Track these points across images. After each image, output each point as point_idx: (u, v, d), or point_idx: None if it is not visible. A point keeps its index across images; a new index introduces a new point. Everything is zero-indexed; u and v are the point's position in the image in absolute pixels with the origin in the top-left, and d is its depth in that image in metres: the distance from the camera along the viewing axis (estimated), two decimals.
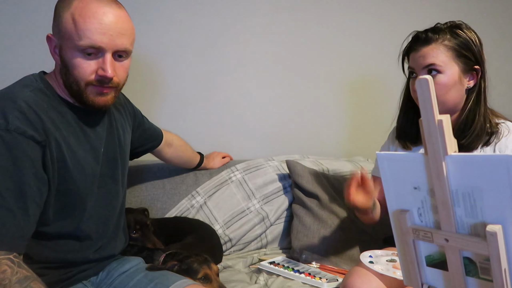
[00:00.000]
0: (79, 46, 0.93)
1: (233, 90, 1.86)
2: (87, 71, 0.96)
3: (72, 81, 0.97)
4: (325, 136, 1.99)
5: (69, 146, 0.99)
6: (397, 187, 0.72)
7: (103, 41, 0.94)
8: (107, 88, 0.99)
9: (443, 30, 1.16)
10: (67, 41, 0.95)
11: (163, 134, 1.44)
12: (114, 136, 1.14)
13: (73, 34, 0.93)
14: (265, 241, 1.68)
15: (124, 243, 1.23)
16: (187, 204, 1.63)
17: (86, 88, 0.98)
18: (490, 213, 0.61)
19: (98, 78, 0.97)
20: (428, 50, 1.15)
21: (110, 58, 0.96)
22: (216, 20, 1.80)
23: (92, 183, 1.05)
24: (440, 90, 1.14)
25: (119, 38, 0.96)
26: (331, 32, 1.93)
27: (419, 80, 0.60)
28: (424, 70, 1.16)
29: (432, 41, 1.16)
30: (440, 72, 1.14)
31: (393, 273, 1.00)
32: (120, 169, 1.15)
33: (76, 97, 1.00)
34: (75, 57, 0.95)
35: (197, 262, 1.17)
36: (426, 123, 0.62)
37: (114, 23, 0.95)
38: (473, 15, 2.06)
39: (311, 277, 1.33)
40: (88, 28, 0.93)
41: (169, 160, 1.54)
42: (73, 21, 0.93)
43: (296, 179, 1.64)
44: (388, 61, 2.02)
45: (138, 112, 1.33)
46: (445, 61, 1.14)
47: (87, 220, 1.06)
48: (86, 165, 1.03)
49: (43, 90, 0.99)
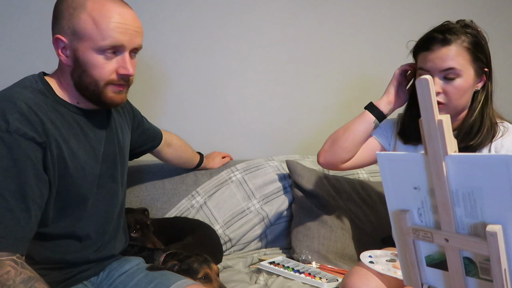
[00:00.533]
0: (102, 46, 0.94)
1: (233, 90, 1.86)
2: (108, 70, 0.97)
3: (90, 81, 0.98)
4: (325, 136, 1.98)
5: (69, 147, 0.99)
6: (397, 187, 0.72)
7: (125, 39, 0.96)
8: (124, 86, 1.02)
9: (459, 30, 1.11)
10: (86, 42, 0.95)
11: (162, 134, 1.44)
12: (113, 137, 1.14)
13: (94, 34, 0.94)
14: (265, 241, 1.68)
15: (124, 243, 1.23)
16: (187, 204, 1.63)
17: (105, 87, 0.99)
18: (490, 213, 0.61)
19: (120, 76, 0.99)
20: (447, 51, 1.10)
21: (129, 56, 0.99)
22: (216, 21, 1.80)
23: (92, 183, 1.06)
24: (456, 94, 1.12)
25: (137, 37, 0.99)
26: (331, 32, 1.93)
27: (419, 80, 0.60)
28: (442, 73, 1.11)
29: (451, 42, 1.10)
30: (458, 76, 1.11)
31: (394, 273, 1.00)
32: (119, 169, 1.15)
33: (91, 97, 1.01)
34: (95, 57, 0.96)
35: (197, 262, 1.17)
36: (426, 123, 0.62)
37: (132, 21, 0.98)
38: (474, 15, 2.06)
39: (311, 277, 1.33)
40: (110, 28, 0.94)
41: (168, 160, 1.54)
42: (93, 22, 0.94)
43: (296, 179, 1.64)
44: (388, 61, 2.02)
45: (137, 112, 1.33)
46: (464, 65, 1.10)
47: (87, 220, 1.06)
48: (86, 166, 1.03)
49: (42, 91, 0.99)
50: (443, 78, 1.12)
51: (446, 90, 1.12)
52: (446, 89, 1.12)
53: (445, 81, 1.12)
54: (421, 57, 1.15)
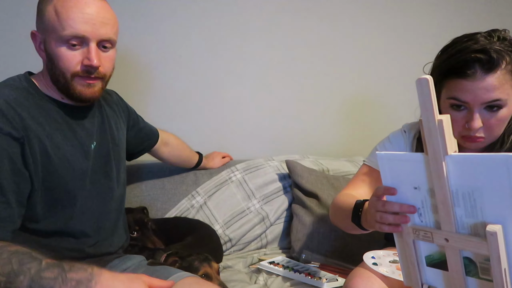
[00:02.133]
0: (63, 36, 0.94)
1: (234, 90, 1.86)
2: (72, 62, 0.97)
3: (58, 73, 0.98)
4: (325, 136, 1.99)
5: (54, 143, 0.99)
6: (397, 187, 0.72)
7: (86, 30, 0.95)
8: (93, 79, 1.00)
9: (502, 49, 0.90)
10: (51, 34, 0.96)
11: (159, 133, 1.45)
12: (106, 132, 1.14)
13: (56, 25, 0.94)
14: (265, 241, 1.68)
15: (125, 240, 1.23)
16: (187, 204, 1.63)
17: (72, 79, 0.98)
18: (490, 213, 0.61)
19: (84, 68, 0.97)
20: (492, 80, 0.89)
21: (95, 48, 0.97)
22: (216, 21, 1.80)
23: (81, 179, 1.06)
24: (498, 126, 0.95)
25: (102, 27, 0.97)
26: (331, 32, 1.93)
27: (419, 80, 0.61)
28: (483, 105, 0.92)
29: (497, 68, 0.89)
30: (503, 106, 0.92)
31: (399, 275, 0.98)
32: (114, 165, 1.15)
33: (63, 91, 1.01)
34: (60, 48, 0.96)
35: (198, 260, 1.18)
36: (426, 123, 0.62)
37: (96, 12, 0.97)
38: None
39: (310, 277, 1.33)
40: (70, 18, 0.94)
41: (166, 159, 1.54)
42: (55, 13, 0.95)
43: (296, 179, 1.64)
44: (389, 61, 2.03)
45: (132, 111, 1.33)
46: (509, 93, 0.91)
47: (79, 216, 1.06)
48: (73, 161, 1.03)
49: (26, 89, 1.00)
50: (483, 109, 0.93)
51: (488, 123, 0.94)
52: (487, 122, 0.94)
53: (487, 113, 0.94)
54: (453, 84, 0.94)
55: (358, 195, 1.12)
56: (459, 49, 0.94)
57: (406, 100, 1.64)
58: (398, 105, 1.95)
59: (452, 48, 0.97)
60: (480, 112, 0.94)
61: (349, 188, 1.18)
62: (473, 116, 0.94)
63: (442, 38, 1.04)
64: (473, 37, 0.94)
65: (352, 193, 1.14)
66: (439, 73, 0.97)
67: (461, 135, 0.98)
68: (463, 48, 0.93)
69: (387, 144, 1.18)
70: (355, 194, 1.12)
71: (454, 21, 2.05)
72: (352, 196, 1.10)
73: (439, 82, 0.97)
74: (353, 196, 1.09)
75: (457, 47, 0.95)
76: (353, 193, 1.13)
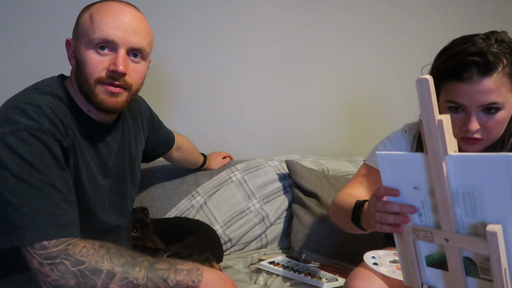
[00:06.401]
0: (93, 39, 0.92)
1: (234, 90, 1.86)
2: (98, 67, 0.93)
3: (83, 79, 0.94)
4: (325, 136, 2.00)
5: (83, 156, 0.97)
6: (397, 187, 0.72)
7: (117, 35, 0.92)
8: (118, 88, 0.95)
9: (498, 51, 0.90)
10: (82, 39, 0.94)
11: (175, 139, 1.45)
12: (125, 150, 1.12)
13: (88, 29, 0.93)
14: (265, 241, 1.68)
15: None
16: (187, 204, 1.63)
17: (95, 86, 0.93)
18: (490, 213, 0.61)
19: (108, 73, 0.93)
20: (489, 83, 0.89)
21: (123, 54, 0.93)
22: (216, 21, 1.80)
23: (102, 197, 1.04)
24: (496, 128, 0.95)
25: (133, 35, 0.94)
26: (331, 33, 1.93)
27: (419, 80, 0.61)
28: (480, 108, 0.92)
29: (493, 70, 0.89)
30: (501, 109, 0.92)
31: (399, 275, 0.98)
32: (128, 184, 1.14)
33: (87, 98, 0.96)
34: (88, 52, 0.93)
35: (199, 260, 1.18)
36: (426, 123, 0.62)
37: (130, 20, 0.95)
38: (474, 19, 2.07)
39: (310, 277, 1.33)
40: (102, 21, 0.92)
41: (174, 161, 1.55)
42: (90, 18, 0.94)
43: (296, 179, 1.64)
44: (389, 61, 2.03)
45: (156, 119, 1.32)
46: (506, 96, 0.91)
47: (93, 233, 1.02)
48: (97, 178, 1.01)
49: (62, 98, 0.96)
50: (481, 112, 0.94)
51: (486, 125, 0.95)
52: (485, 124, 0.95)
53: (484, 115, 0.94)
54: (450, 86, 0.94)
55: (358, 194, 1.12)
56: (456, 51, 0.94)
57: (406, 100, 1.64)
58: (398, 105, 1.95)
59: (450, 50, 0.97)
60: (477, 115, 0.94)
61: (349, 187, 1.19)
62: (470, 118, 0.94)
63: (443, 39, 1.04)
64: (471, 39, 0.94)
65: (352, 192, 1.14)
66: (437, 75, 0.96)
67: (460, 137, 0.99)
68: (460, 50, 0.93)
69: (388, 143, 1.18)
70: (355, 193, 1.12)
71: (454, 22, 2.05)
72: (352, 195, 1.10)
73: (437, 84, 0.96)
74: (353, 196, 1.09)
75: (455, 49, 0.95)
76: (353, 192, 1.14)
